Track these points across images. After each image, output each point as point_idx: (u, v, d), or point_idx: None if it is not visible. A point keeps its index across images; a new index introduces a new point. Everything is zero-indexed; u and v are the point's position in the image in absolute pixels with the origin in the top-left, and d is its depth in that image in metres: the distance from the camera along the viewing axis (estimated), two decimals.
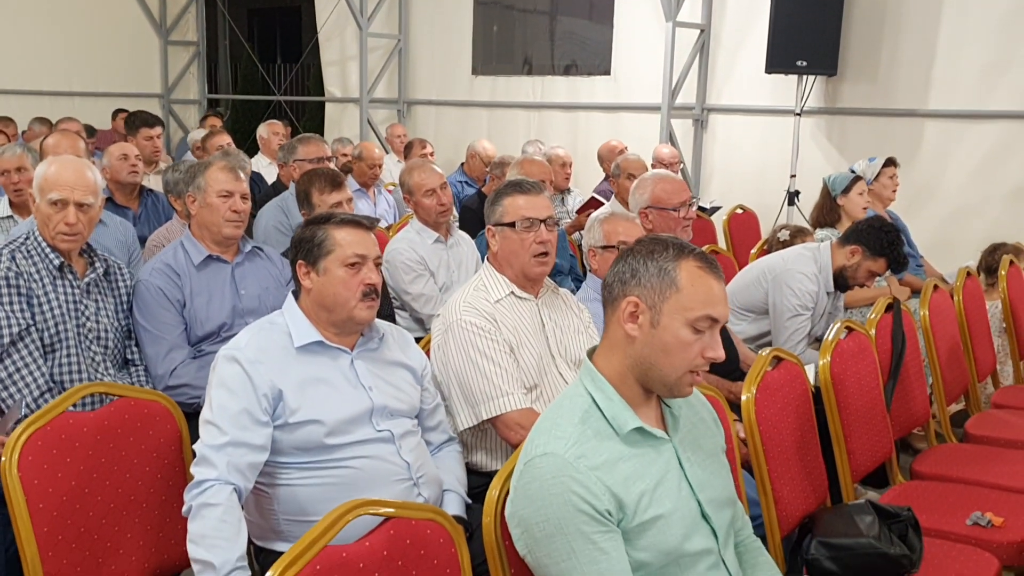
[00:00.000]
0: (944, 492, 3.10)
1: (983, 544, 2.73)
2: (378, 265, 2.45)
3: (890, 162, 5.46)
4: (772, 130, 7.53)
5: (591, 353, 1.93)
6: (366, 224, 2.46)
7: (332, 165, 4.97)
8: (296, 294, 2.48)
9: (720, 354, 1.80)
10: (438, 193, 4.19)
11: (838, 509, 2.70)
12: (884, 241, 3.94)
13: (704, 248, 4.80)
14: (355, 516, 1.68)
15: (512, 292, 2.79)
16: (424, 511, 1.80)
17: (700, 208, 6.57)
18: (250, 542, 2.36)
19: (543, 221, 2.82)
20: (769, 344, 4.04)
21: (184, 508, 2.18)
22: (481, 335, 2.66)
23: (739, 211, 6.61)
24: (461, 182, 7.13)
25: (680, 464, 1.88)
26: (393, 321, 4.03)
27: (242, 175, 3.36)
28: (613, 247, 3.28)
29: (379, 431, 2.40)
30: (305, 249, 2.42)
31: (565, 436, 1.78)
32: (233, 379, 2.29)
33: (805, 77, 7.09)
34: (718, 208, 6.80)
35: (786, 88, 7.26)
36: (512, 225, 2.79)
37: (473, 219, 5.43)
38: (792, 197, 7.17)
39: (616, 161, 5.68)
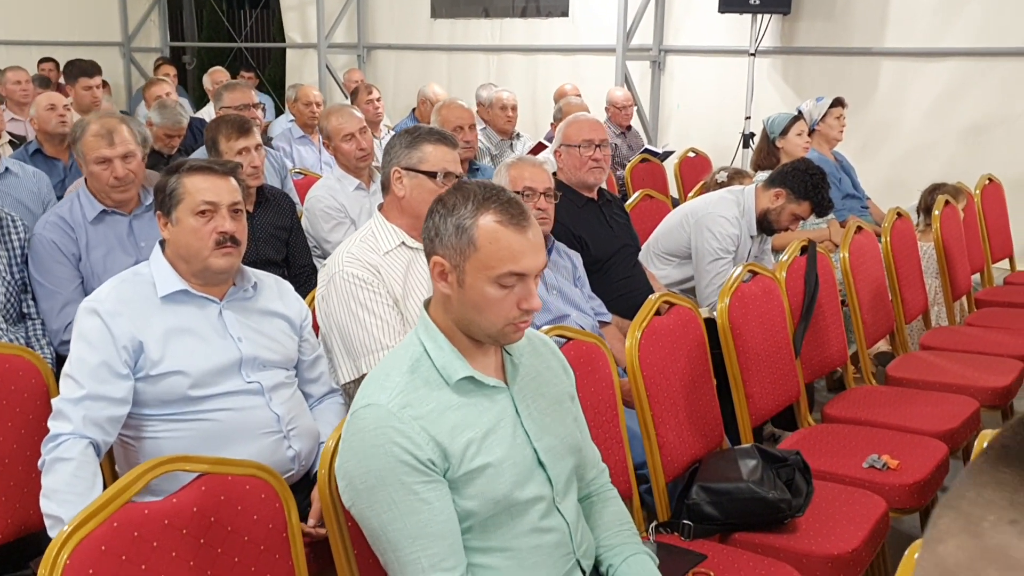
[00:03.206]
0: (849, 435, 3.08)
1: (875, 487, 2.71)
2: (236, 211, 2.38)
3: (837, 102, 5.38)
4: (728, 71, 7.43)
5: (427, 303, 1.88)
6: (219, 169, 2.39)
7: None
8: (163, 244, 2.43)
9: (536, 304, 1.75)
10: (357, 138, 4.10)
11: (724, 454, 2.68)
12: (808, 184, 3.87)
13: (640, 192, 4.81)
14: (160, 472, 1.64)
15: (403, 242, 2.71)
16: (243, 467, 1.76)
17: (651, 152, 6.50)
18: None
19: (457, 177, 2.77)
20: (693, 289, 4.00)
21: (39, 462, 2.15)
22: (363, 287, 2.60)
23: (691, 154, 6.55)
24: None
25: (517, 413, 1.85)
26: (314, 271, 3.99)
27: (125, 134, 3.21)
28: (519, 193, 3.21)
29: (248, 382, 2.36)
30: (159, 199, 2.36)
31: (391, 386, 1.74)
32: (92, 331, 2.25)
33: (760, 16, 6.98)
34: (671, 152, 6.72)
35: (742, 28, 7.15)
36: (433, 175, 2.72)
37: None
38: (747, 139, 7.09)
39: (558, 104, 5.59)
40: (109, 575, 1.50)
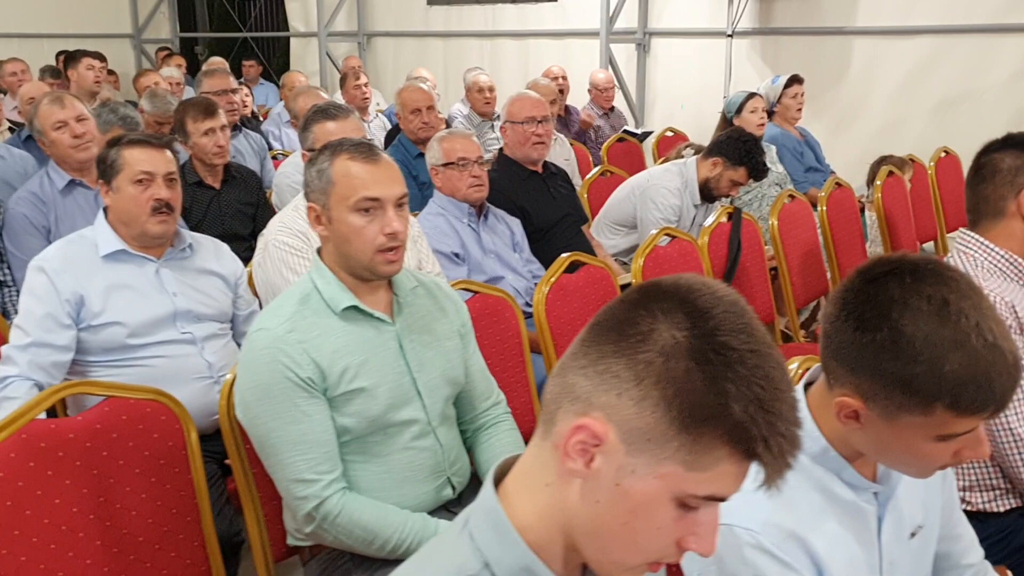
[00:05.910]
0: None
1: None
2: (171, 181, 2.63)
3: (793, 80, 5.56)
4: (709, 52, 7.59)
5: (319, 249, 2.13)
6: (156, 142, 2.65)
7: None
8: (106, 211, 2.69)
9: (397, 227, 1.99)
10: None
11: None
12: (742, 151, 4.08)
13: (599, 168, 5.03)
14: (68, 394, 1.90)
15: None
16: (145, 392, 2.00)
17: (630, 133, 6.71)
18: None
19: None
20: None
21: None
22: (292, 253, 2.85)
23: (669, 133, 6.74)
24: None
25: (400, 345, 2.08)
26: None
27: (74, 101, 3.51)
28: (453, 163, 3.44)
29: (182, 333, 2.63)
30: (101, 169, 2.63)
31: (281, 315, 2.00)
32: (38, 287, 2.52)
33: None
34: (649, 133, 6.93)
35: (720, 10, 7.32)
36: None
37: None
38: None
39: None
40: (17, 479, 1.76)
